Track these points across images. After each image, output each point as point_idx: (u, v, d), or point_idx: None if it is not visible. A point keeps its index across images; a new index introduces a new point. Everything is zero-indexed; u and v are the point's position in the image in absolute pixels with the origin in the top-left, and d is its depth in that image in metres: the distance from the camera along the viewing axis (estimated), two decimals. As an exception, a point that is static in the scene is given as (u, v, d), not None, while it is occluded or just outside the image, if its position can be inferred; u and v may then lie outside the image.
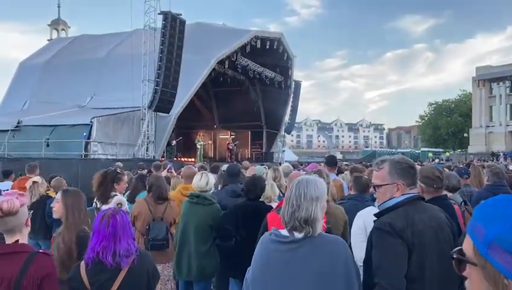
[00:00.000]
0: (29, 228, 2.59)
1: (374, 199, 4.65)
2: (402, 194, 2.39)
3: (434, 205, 2.60)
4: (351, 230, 3.97)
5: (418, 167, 3.16)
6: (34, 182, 6.27)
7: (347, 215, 4.12)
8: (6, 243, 2.46)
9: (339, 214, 4.08)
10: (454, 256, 1.02)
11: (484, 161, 34.46)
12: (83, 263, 2.55)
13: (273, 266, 2.17)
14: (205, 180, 4.86)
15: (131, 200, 5.81)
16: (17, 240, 2.45)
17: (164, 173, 7.63)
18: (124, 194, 5.92)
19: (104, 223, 2.55)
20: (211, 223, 4.57)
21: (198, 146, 23.43)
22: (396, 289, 2.16)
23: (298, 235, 2.17)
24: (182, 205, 4.86)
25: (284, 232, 2.22)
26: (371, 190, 4.94)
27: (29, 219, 2.59)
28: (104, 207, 4.91)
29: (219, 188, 6.27)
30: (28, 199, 2.74)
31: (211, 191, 5.20)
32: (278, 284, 2.14)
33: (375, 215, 2.45)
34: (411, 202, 2.36)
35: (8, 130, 18.09)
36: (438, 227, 2.36)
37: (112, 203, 5.12)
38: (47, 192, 6.40)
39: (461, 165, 10.48)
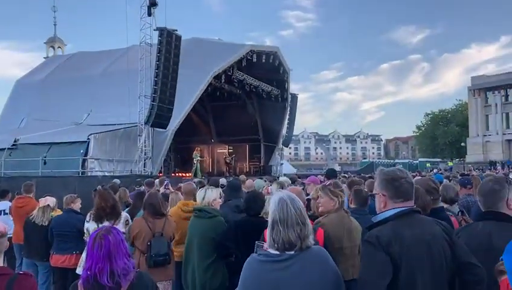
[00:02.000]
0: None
1: (372, 212, 4.64)
2: (392, 208, 2.36)
3: (431, 217, 2.57)
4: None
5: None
6: (48, 205, 6.21)
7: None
8: None
9: (357, 225, 4.07)
10: None
11: (482, 170, 34.55)
12: (80, 282, 2.47)
13: (269, 286, 2.16)
14: (202, 195, 4.89)
15: (131, 217, 5.77)
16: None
17: (161, 190, 7.57)
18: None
19: (97, 245, 2.44)
20: (213, 237, 4.53)
21: (195, 161, 23.34)
22: None
23: (288, 252, 2.19)
24: (190, 221, 4.87)
25: (273, 251, 2.22)
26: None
27: None
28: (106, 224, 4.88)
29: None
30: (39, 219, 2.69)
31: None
32: None
33: (366, 227, 2.45)
34: (402, 216, 2.32)
35: (5, 149, 18.04)
36: (433, 241, 2.29)
37: (121, 221, 5.11)
38: (52, 213, 6.31)
39: (459, 176, 10.50)
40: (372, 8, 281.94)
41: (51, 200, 6.35)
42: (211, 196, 4.89)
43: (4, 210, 7.78)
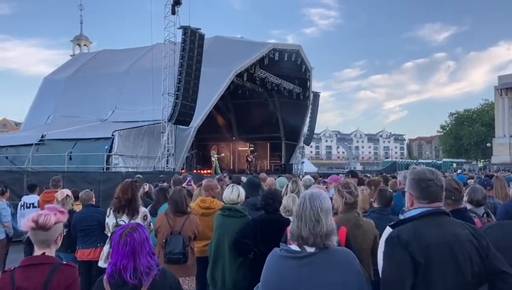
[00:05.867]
0: (58, 245, 2.67)
1: (394, 213, 4.61)
2: (418, 207, 2.36)
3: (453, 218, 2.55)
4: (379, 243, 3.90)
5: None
6: (67, 196, 6.35)
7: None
8: (34, 254, 2.55)
9: (368, 228, 4.01)
10: None
11: (509, 171, 33.70)
12: (105, 278, 2.54)
13: (289, 282, 2.18)
14: (236, 193, 4.90)
15: (153, 212, 5.87)
16: (44, 253, 2.53)
17: (184, 186, 7.66)
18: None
19: (122, 242, 2.48)
20: None
21: (213, 159, 23.52)
22: None
23: (310, 249, 2.19)
24: (215, 218, 4.88)
25: (295, 247, 2.24)
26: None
27: (60, 237, 2.64)
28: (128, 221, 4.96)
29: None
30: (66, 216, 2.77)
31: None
32: None
33: (390, 226, 2.44)
34: (426, 216, 2.31)
35: (33, 144, 18.50)
36: (456, 243, 2.23)
37: (140, 216, 5.16)
38: (72, 205, 6.48)
39: (482, 176, 10.24)
40: (396, 5, 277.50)
41: (66, 191, 6.48)
42: (243, 194, 4.96)
43: (33, 203, 8.02)
